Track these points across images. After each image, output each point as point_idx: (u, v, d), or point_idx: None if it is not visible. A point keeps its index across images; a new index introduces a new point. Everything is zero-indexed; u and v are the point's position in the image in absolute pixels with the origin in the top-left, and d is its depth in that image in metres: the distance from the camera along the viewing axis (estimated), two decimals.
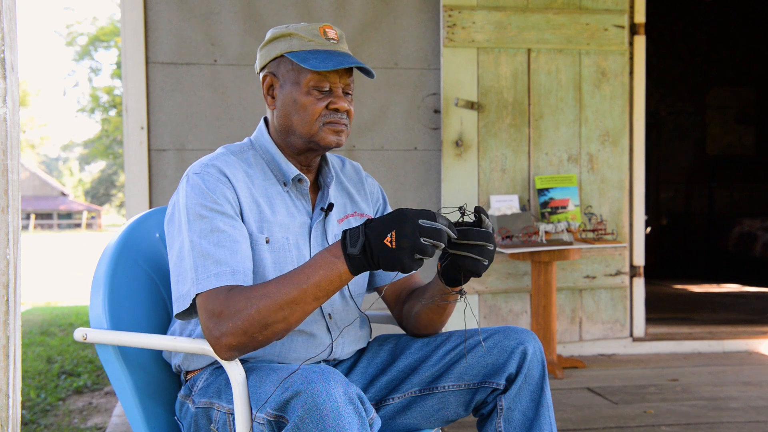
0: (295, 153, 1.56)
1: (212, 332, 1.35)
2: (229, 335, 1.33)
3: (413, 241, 1.26)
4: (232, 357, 1.36)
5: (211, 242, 1.40)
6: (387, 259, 1.27)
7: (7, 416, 1.11)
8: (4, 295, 1.09)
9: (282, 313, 1.33)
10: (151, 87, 3.63)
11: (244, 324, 1.32)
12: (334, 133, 1.51)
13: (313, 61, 1.47)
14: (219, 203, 1.44)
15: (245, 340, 1.33)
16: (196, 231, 1.41)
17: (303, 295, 1.33)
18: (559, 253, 3.47)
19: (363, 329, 1.65)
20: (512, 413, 1.51)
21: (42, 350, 4.81)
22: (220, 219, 1.42)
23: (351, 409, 1.23)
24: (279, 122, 1.55)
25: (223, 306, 1.34)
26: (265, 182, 1.54)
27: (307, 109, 1.50)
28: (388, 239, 1.27)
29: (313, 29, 1.51)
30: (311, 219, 1.57)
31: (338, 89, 1.51)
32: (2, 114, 1.08)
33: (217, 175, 1.47)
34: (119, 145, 25.12)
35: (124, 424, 2.93)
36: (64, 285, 9.72)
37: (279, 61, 1.53)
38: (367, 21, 3.79)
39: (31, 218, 39.21)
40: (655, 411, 2.97)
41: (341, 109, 1.51)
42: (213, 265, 1.38)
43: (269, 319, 1.32)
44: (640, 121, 4.04)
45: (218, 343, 1.34)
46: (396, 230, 1.27)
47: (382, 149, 3.81)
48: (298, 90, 1.50)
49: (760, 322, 4.74)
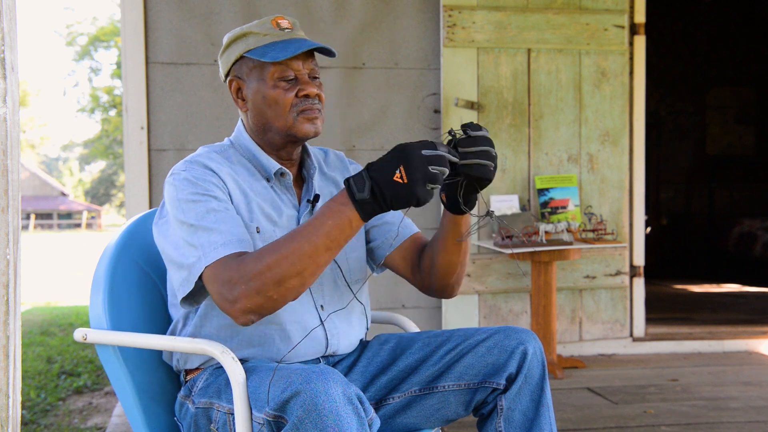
0: (275, 149, 1.57)
1: (226, 298, 1.33)
2: (243, 298, 1.31)
3: (424, 172, 1.26)
4: (250, 321, 1.34)
5: (211, 221, 1.40)
6: (400, 195, 1.27)
7: (7, 416, 1.11)
8: (4, 295, 1.09)
9: (295, 267, 1.31)
10: (151, 87, 3.63)
11: (257, 284, 1.31)
12: (309, 121, 1.52)
13: (271, 53, 1.48)
14: (209, 189, 1.44)
15: (261, 301, 1.31)
16: (192, 216, 1.41)
17: (314, 247, 1.32)
18: (559, 253, 3.47)
19: (360, 319, 1.64)
20: (512, 413, 1.51)
21: (42, 350, 4.81)
22: (214, 201, 1.43)
23: (350, 410, 1.23)
24: (254, 122, 1.56)
25: (233, 271, 1.33)
26: (249, 178, 1.55)
27: (278, 101, 1.51)
28: (398, 176, 1.27)
29: (266, 23, 1.53)
30: (298, 212, 1.58)
31: (303, 75, 1.52)
32: (2, 114, 1.08)
33: (202, 169, 1.48)
34: (119, 145, 25.12)
35: (124, 424, 2.93)
36: (64, 285, 9.72)
37: (240, 63, 1.55)
38: (367, 21, 3.79)
39: (31, 218, 39.21)
40: (655, 411, 2.97)
41: (311, 95, 1.51)
42: (218, 236, 1.38)
43: (282, 274, 1.31)
44: (640, 121, 4.04)
45: (233, 308, 1.33)
46: (404, 165, 1.27)
47: (382, 149, 3.81)
48: (265, 85, 1.51)
49: (760, 322, 4.74)
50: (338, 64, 3.77)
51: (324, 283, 1.56)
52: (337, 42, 3.76)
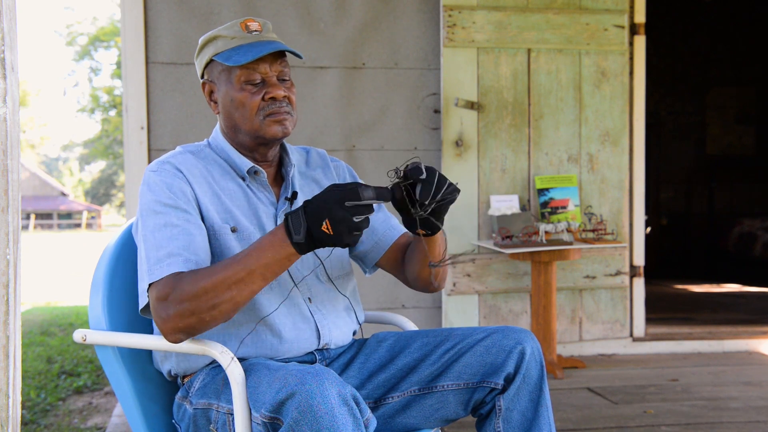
0: (248, 149, 1.59)
1: (160, 315, 1.37)
2: (176, 317, 1.35)
3: (347, 224, 1.30)
4: (179, 340, 1.39)
5: (164, 236, 1.42)
6: (328, 241, 1.32)
7: (7, 416, 1.11)
8: (4, 295, 1.09)
9: (230, 293, 1.35)
10: (151, 87, 3.63)
11: (191, 306, 1.35)
12: (277, 123, 1.54)
13: (235, 57, 1.51)
14: (173, 198, 1.47)
15: (192, 321, 1.35)
16: (150, 227, 1.44)
17: (250, 276, 1.35)
18: (559, 253, 3.47)
19: (347, 312, 1.65)
20: (511, 413, 1.51)
21: (42, 350, 4.81)
22: (174, 213, 1.45)
23: (345, 411, 1.23)
24: (225, 124, 1.60)
25: (170, 289, 1.36)
26: (223, 178, 1.57)
27: (245, 104, 1.53)
28: (324, 227, 1.31)
29: (235, 26, 1.55)
30: (276, 209, 1.60)
31: (271, 78, 1.54)
32: (2, 114, 1.08)
33: (172, 171, 1.50)
34: (119, 145, 25.12)
35: (124, 424, 2.93)
36: (64, 285, 9.72)
37: (211, 66, 1.58)
38: (367, 21, 3.79)
39: (31, 218, 39.21)
40: (655, 411, 2.97)
41: (278, 97, 1.53)
42: (165, 256, 1.40)
43: (216, 299, 1.34)
44: (640, 121, 4.04)
45: (165, 326, 1.37)
46: (328, 218, 1.31)
47: (382, 149, 3.81)
48: (232, 88, 1.54)
49: (760, 322, 4.74)
50: (338, 64, 3.77)
51: (308, 277, 1.59)
52: (337, 42, 3.77)
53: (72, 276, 11.09)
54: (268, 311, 1.51)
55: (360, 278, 3.42)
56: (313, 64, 3.76)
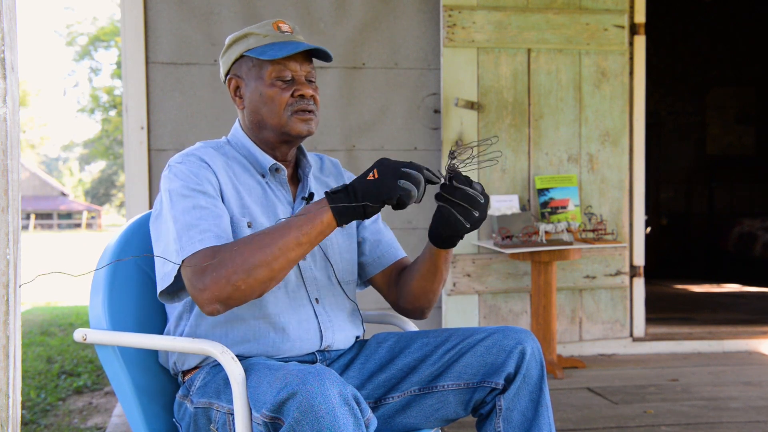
0: (270, 147, 1.61)
1: (196, 286, 1.36)
2: (212, 286, 1.35)
3: (394, 170, 1.33)
4: (216, 311, 1.37)
5: (194, 217, 1.44)
6: (370, 188, 1.33)
7: (7, 416, 1.11)
8: (4, 295, 1.09)
9: (264, 257, 1.34)
10: (151, 87, 3.63)
11: (227, 272, 1.34)
12: (303, 122, 1.56)
13: (270, 52, 1.54)
14: (200, 184, 1.48)
15: (229, 290, 1.34)
16: (179, 209, 1.45)
17: (285, 240, 1.35)
18: (559, 253, 3.47)
19: (352, 317, 1.66)
20: (511, 413, 1.51)
21: (42, 350, 4.81)
22: (202, 197, 1.47)
23: (346, 410, 1.23)
24: (250, 119, 1.61)
25: (207, 260, 1.37)
26: (244, 174, 1.59)
27: (274, 100, 1.55)
28: (371, 176, 1.33)
29: (267, 25, 1.59)
30: (293, 208, 1.61)
31: (300, 77, 1.57)
32: (2, 114, 1.08)
33: (197, 162, 1.52)
34: (119, 145, 25.12)
35: (124, 424, 2.93)
36: (64, 285, 9.72)
37: (240, 62, 1.60)
38: (367, 21, 3.79)
39: (31, 218, 39.21)
40: (655, 411, 2.97)
41: (306, 95, 1.56)
42: (197, 233, 1.41)
43: (251, 262, 1.34)
44: (640, 121, 4.04)
45: (201, 297, 1.36)
46: (377, 167, 1.34)
47: (382, 149, 3.81)
48: (262, 83, 1.56)
49: (760, 322, 4.74)
50: (338, 64, 3.77)
51: (318, 278, 1.60)
52: (337, 42, 3.77)
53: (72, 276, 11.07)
54: (274, 308, 1.52)
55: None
56: (314, 64, 3.75)
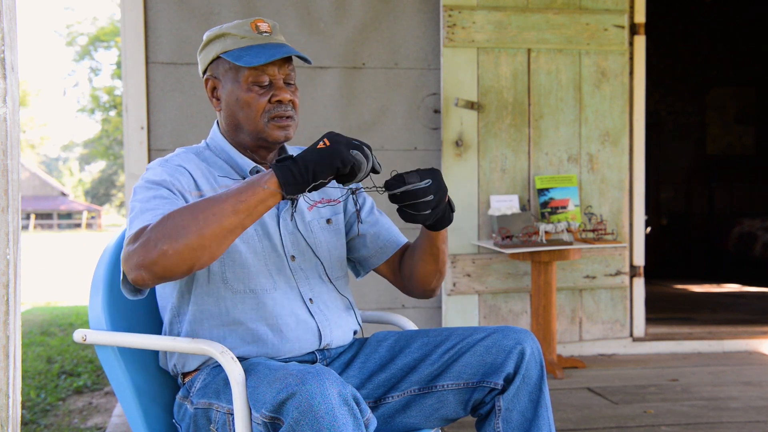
0: (248, 150, 1.59)
1: (126, 252, 1.32)
2: (140, 249, 1.28)
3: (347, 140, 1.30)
4: (141, 279, 1.28)
5: (153, 204, 1.40)
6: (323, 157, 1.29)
7: (7, 416, 1.11)
8: (4, 295, 1.09)
9: (196, 223, 1.26)
10: (151, 87, 3.63)
11: (156, 235, 1.27)
12: (281, 129, 1.54)
13: (246, 58, 1.50)
14: (168, 182, 1.46)
15: (154, 255, 1.26)
16: (139, 198, 1.43)
17: (220, 206, 1.29)
18: (559, 253, 3.47)
19: (347, 312, 1.65)
20: (510, 414, 1.51)
21: (42, 350, 4.81)
22: (165, 191, 1.44)
23: (346, 411, 1.23)
24: (226, 122, 1.59)
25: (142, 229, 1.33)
26: (224, 179, 1.57)
27: (251, 105, 1.53)
28: (321, 145, 1.30)
29: (245, 25, 1.54)
30: (278, 209, 1.59)
31: (278, 81, 1.54)
32: (2, 114, 1.08)
33: (174, 166, 1.51)
34: (119, 145, 25.12)
35: (124, 424, 2.93)
36: (64, 285, 9.72)
37: (217, 63, 1.57)
38: (367, 21, 3.79)
39: (31, 218, 39.20)
40: (655, 411, 2.97)
41: (284, 101, 1.53)
42: (150, 216, 1.37)
43: (181, 227, 1.26)
44: (640, 121, 4.04)
45: (128, 263, 1.30)
46: (327, 137, 1.31)
47: (382, 149, 3.81)
48: (239, 87, 1.53)
49: (760, 322, 4.74)
50: (338, 64, 3.77)
51: (310, 276, 1.59)
52: (337, 42, 3.77)
53: (72, 276, 11.09)
54: (271, 311, 1.52)
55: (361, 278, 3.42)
56: (313, 64, 3.75)
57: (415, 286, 1.66)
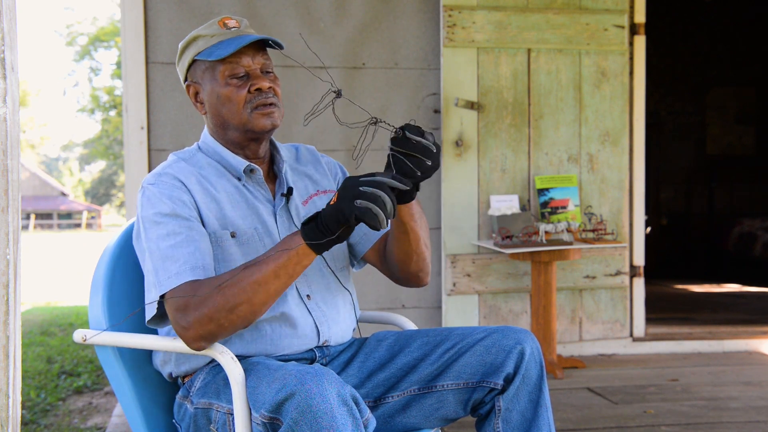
0: (239, 147, 1.60)
1: (180, 324, 1.38)
2: (196, 324, 1.36)
3: (353, 192, 1.30)
4: (201, 347, 1.39)
5: (168, 245, 1.43)
6: (331, 214, 1.31)
7: (7, 416, 1.11)
8: (4, 295, 1.09)
9: (245, 294, 1.35)
10: (151, 87, 3.63)
11: (210, 311, 1.35)
12: (265, 116, 1.55)
13: (217, 52, 1.52)
14: (173, 207, 1.47)
15: (212, 328, 1.36)
16: (153, 238, 1.45)
17: (263, 275, 1.36)
18: (559, 253, 3.47)
19: (347, 307, 1.65)
20: (510, 414, 1.51)
21: (42, 350, 4.81)
22: (175, 222, 1.46)
23: (345, 411, 1.24)
24: (213, 122, 1.60)
25: (188, 298, 1.37)
26: (220, 181, 1.57)
27: (232, 99, 1.54)
28: (332, 201, 1.33)
29: (213, 25, 1.57)
30: (274, 206, 1.60)
31: (255, 70, 1.55)
32: (2, 114, 1.08)
33: (171, 182, 1.51)
34: (119, 145, 25.12)
35: (124, 424, 2.93)
36: (64, 285, 9.72)
37: (194, 67, 1.59)
38: (367, 21, 3.79)
39: (31, 218, 39.20)
40: (655, 411, 2.97)
41: (263, 88, 1.54)
42: (172, 264, 1.41)
43: (233, 301, 1.35)
44: (640, 121, 4.04)
45: (186, 335, 1.38)
46: (339, 190, 1.33)
47: (381, 149, 3.79)
48: (218, 84, 1.54)
49: (760, 322, 4.74)
50: (338, 64, 3.77)
51: (308, 272, 1.58)
52: (337, 42, 3.77)
53: (72, 276, 11.09)
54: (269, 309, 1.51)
55: (361, 278, 3.42)
56: (313, 64, 3.76)
57: (397, 270, 1.62)
